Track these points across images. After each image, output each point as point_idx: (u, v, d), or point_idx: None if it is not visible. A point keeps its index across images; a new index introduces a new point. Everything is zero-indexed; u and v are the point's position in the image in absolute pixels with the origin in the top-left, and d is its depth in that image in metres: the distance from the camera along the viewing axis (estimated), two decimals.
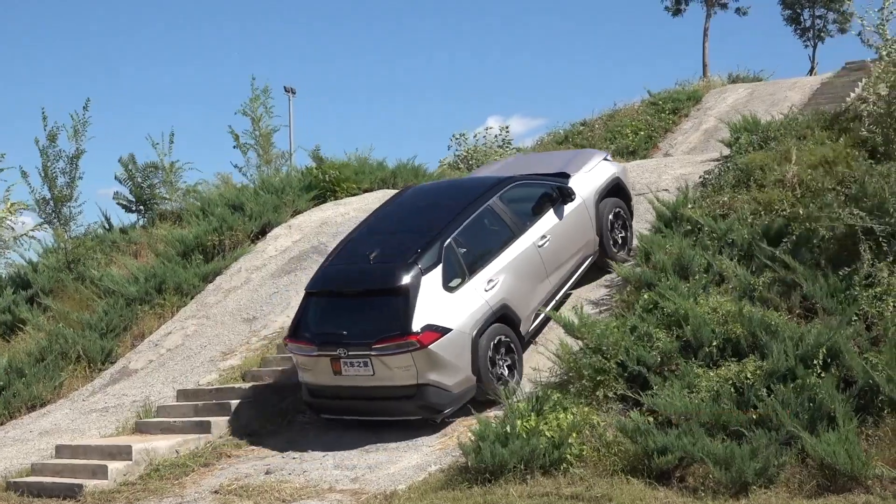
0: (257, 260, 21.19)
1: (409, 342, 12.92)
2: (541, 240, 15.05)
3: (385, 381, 13.24)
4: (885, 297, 12.10)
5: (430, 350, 12.95)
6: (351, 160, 26.51)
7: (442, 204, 15.27)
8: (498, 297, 13.91)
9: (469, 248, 14.14)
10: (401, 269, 13.43)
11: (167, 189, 27.64)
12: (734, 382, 11.41)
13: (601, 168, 17.07)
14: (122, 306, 20.22)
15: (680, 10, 58.09)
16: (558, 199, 15.76)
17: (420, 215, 15.23)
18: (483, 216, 14.71)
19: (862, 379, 10.85)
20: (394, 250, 13.97)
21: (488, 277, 14.02)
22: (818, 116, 20.28)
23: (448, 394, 13.17)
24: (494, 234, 14.76)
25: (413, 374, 13.04)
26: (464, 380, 13.27)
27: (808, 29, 64.46)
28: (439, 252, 13.71)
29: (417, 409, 13.29)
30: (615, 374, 12.29)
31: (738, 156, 18.83)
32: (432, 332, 13.00)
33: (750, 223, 14.95)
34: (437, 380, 13.07)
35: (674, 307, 12.90)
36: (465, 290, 13.70)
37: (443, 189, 17.54)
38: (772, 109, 28.78)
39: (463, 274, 13.84)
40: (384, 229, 15.17)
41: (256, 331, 18.11)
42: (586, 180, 16.49)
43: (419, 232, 14.32)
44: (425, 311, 13.12)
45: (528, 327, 14.58)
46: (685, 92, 37.84)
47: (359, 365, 13.25)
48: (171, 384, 16.87)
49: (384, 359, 13.08)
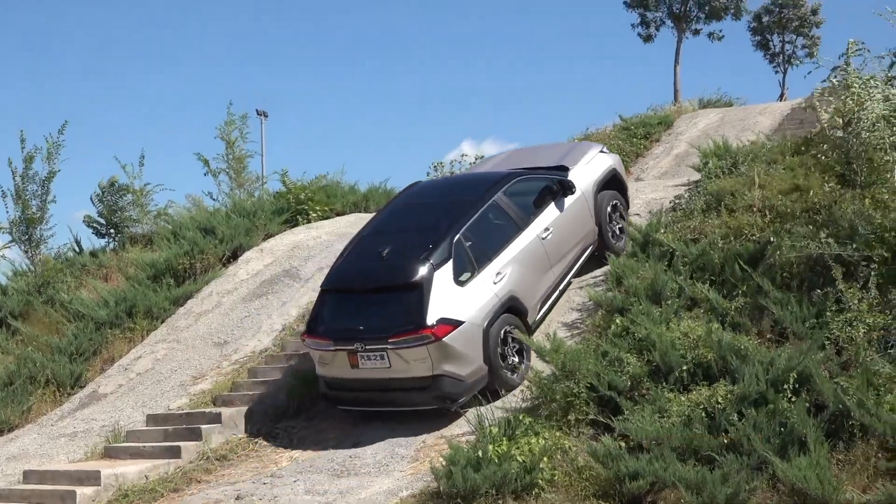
0: (228, 283, 21.11)
1: (424, 335, 13.42)
2: (544, 232, 15.67)
3: (401, 372, 13.70)
4: (856, 323, 12.17)
5: (444, 342, 13.43)
6: (323, 183, 26.49)
7: (449, 200, 15.78)
8: (506, 289, 14.46)
9: (477, 242, 14.69)
10: (414, 265, 13.95)
11: (137, 212, 27.53)
12: (705, 407, 11.41)
13: (598, 160, 17.74)
14: (91, 330, 20.11)
15: (651, 37, 58.36)
16: (559, 191, 16.41)
17: (428, 212, 15.64)
18: (489, 211, 15.26)
19: (833, 404, 10.87)
20: (405, 247, 14.46)
21: (496, 270, 14.59)
22: (787, 142, 20.42)
23: (462, 383, 13.65)
24: (500, 228, 15.30)
25: (428, 366, 13.52)
26: (476, 369, 13.77)
27: (777, 54, 64.95)
28: (449, 247, 14.23)
29: (433, 398, 13.78)
30: (586, 399, 12.30)
31: (708, 181, 18.93)
32: (446, 324, 13.49)
33: (721, 248, 15.01)
34: (451, 370, 13.57)
35: (645, 332, 12.94)
36: (474, 283, 14.25)
37: (448, 185, 18.11)
38: (742, 135, 28.92)
39: (472, 268, 14.39)
40: (394, 227, 15.59)
41: (227, 355, 18.02)
42: (585, 172, 17.14)
43: (429, 228, 14.80)
44: (438, 305, 13.62)
45: (534, 317, 15.16)
46: (657, 117, 37.95)
47: (375, 358, 13.72)
48: (140, 409, 16.77)
49: (400, 351, 13.56)
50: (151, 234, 26.01)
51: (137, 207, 27.56)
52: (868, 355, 11.64)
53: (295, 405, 15.27)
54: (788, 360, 11.49)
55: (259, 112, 46.93)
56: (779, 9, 62.76)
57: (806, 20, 62.41)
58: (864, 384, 10.99)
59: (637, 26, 58.39)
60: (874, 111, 14.99)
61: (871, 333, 12.03)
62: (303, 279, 20.23)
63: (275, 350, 17.65)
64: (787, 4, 62.26)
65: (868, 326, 12.09)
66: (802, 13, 62.21)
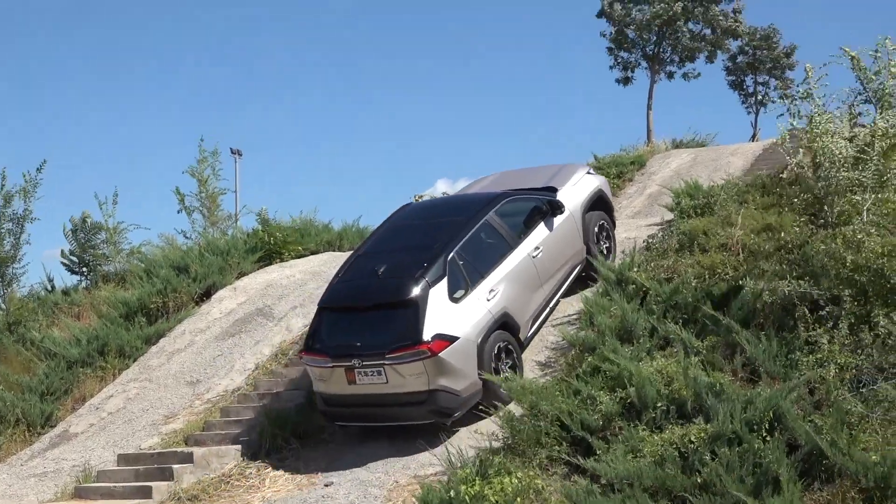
0: (201, 322, 21.02)
1: (420, 350, 13.69)
2: (534, 251, 16.04)
3: (398, 388, 13.97)
4: (827, 363, 12.22)
5: (440, 357, 13.70)
6: (296, 222, 26.45)
7: (442, 220, 16.09)
8: (499, 306, 14.76)
9: (470, 260, 15.00)
10: (410, 283, 14.22)
11: (110, 250, 27.42)
12: (678, 446, 11.42)
13: (585, 181, 18.18)
14: (63, 369, 19.96)
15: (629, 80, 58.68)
16: (548, 211, 16.82)
17: (422, 231, 15.93)
18: (481, 230, 15.61)
19: (806, 443, 10.90)
20: (401, 265, 14.74)
21: (489, 287, 14.89)
22: (759, 182, 20.54)
23: (457, 398, 13.92)
24: (492, 246, 15.65)
25: (425, 381, 13.79)
26: (471, 384, 14.02)
27: (751, 95, 65.44)
28: (444, 265, 14.52)
29: (429, 413, 14.02)
30: (559, 438, 12.29)
31: (681, 220, 19.04)
32: (442, 340, 13.77)
33: (694, 287, 15.06)
34: (447, 385, 13.84)
35: (617, 369, 12.96)
36: (468, 300, 14.53)
37: (440, 206, 18.37)
38: (714, 175, 29.13)
39: (466, 285, 14.66)
40: (389, 246, 15.86)
41: (200, 394, 17.93)
42: (573, 193, 17.57)
43: (423, 247, 15.08)
44: (434, 321, 13.89)
45: (526, 333, 15.47)
46: (630, 157, 38.14)
47: (372, 374, 13.99)
48: (112, 448, 16.63)
49: (397, 367, 13.83)
50: (124, 272, 25.90)
51: (110, 245, 27.45)
52: (840, 395, 11.69)
53: (267, 445, 15.16)
54: (763, 399, 11.52)
55: (233, 151, 46.89)
56: (753, 50, 63.28)
57: (779, 62, 62.95)
58: (837, 424, 11.03)
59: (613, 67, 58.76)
60: (839, 153, 15.10)
61: (842, 373, 12.08)
62: (276, 318, 20.17)
63: (248, 389, 17.56)
64: (760, 46, 62.79)
65: (840, 366, 12.15)
66: (776, 55, 62.75)
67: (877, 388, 11.85)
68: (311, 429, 15.31)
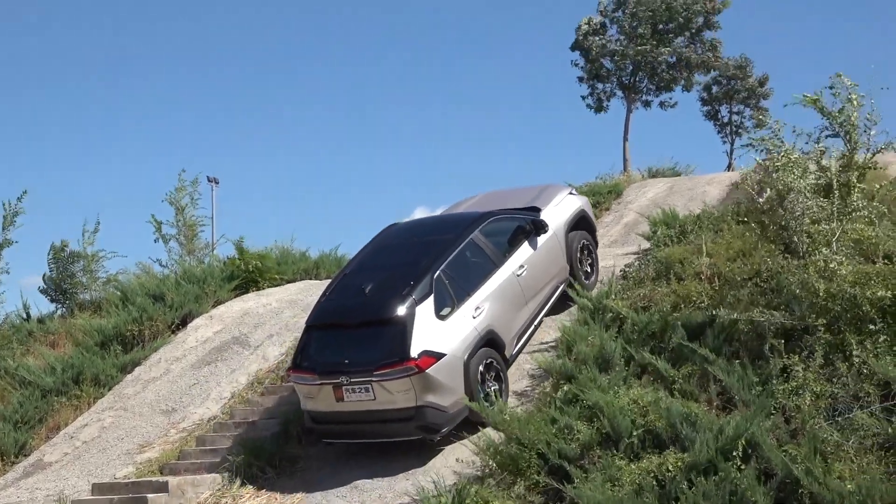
0: (177, 350, 20.94)
1: (408, 367, 13.83)
2: (519, 269, 16.30)
3: (385, 404, 14.07)
4: (802, 391, 12.26)
5: (427, 374, 13.85)
6: (273, 251, 26.42)
7: (428, 239, 16.26)
8: (484, 324, 14.98)
9: (456, 278, 15.20)
10: (397, 301, 14.40)
11: (87, 278, 27.33)
12: (656, 475, 11.44)
13: (568, 201, 18.51)
14: (37, 397, 19.84)
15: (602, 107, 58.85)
16: (532, 231, 17.07)
17: (408, 250, 16.12)
18: (466, 249, 15.85)
19: (782, 472, 10.93)
20: (388, 283, 14.89)
21: (475, 305, 15.11)
22: (734, 210, 20.63)
23: (444, 414, 14.06)
24: (477, 265, 15.87)
25: (412, 397, 13.92)
26: (458, 400, 14.11)
27: (726, 124, 65.79)
28: (430, 283, 14.72)
29: (416, 429, 14.15)
30: (536, 467, 12.28)
31: (657, 249, 19.13)
32: (429, 357, 13.93)
33: (670, 316, 15.10)
34: (434, 401, 13.98)
35: (594, 399, 12.96)
36: (455, 317, 14.72)
37: (426, 225, 18.39)
38: (690, 204, 29.22)
39: (452, 303, 14.86)
40: (375, 265, 16.01)
41: (175, 423, 17.84)
42: (556, 213, 17.85)
43: (410, 265, 15.27)
44: (421, 338, 14.05)
45: (511, 351, 15.68)
46: (606, 186, 38.24)
47: (360, 391, 14.11)
48: (86, 477, 16.53)
49: (385, 384, 13.95)
50: (100, 300, 25.80)
51: (87, 273, 27.36)
52: (816, 423, 11.73)
53: (243, 474, 15.09)
54: (737, 427, 11.54)
55: (210, 179, 46.90)
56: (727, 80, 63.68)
57: (753, 92, 63.35)
58: (812, 452, 11.07)
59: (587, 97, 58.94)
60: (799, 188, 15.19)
61: (818, 402, 12.12)
62: (252, 346, 20.12)
63: (224, 418, 17.49)
64: (735, 76, 63.19)
65: (815, 395, 12.19)
66: (750, 85, 63.16)
67: (852, 416, 11.89)
68: (287, 457, 15.28)
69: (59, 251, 27.75)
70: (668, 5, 54.78)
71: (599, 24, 57.19)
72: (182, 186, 28.74)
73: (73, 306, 26.47)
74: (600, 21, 57.18)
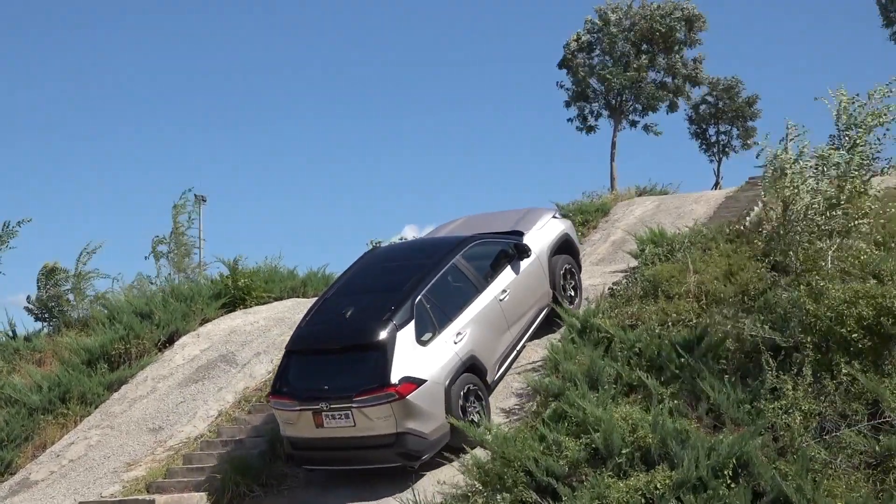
0: (164, 369, 20.88)
1: (388, 394, 13.70)
2: (501, 294, 16.14)
3: (365, 431, 13.92)
4: (791, 410, 12.27)
5: (408, 400, 13.72)
6: (261, 269, 26.39)
7: (409, 263, 16.14)
8: (466, 349, 14.82)
9: (437, 303, 15.03)
10: (378, 326, 14.24)
11: (75, 296, 27.27)
12: (644, 493, 11.41)
13: (551, 225, 18.33)
14: (23, 416, 19.76)
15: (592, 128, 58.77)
16: (515, 255, 16.92)
17: (390, 274, 16.02)
18: (448, 273, 15.67)
19: (772, 490, 10.94)
20: (368, 308, 14.76)
21: (456, 331, 14.95)
22: (722, 229, 20.70)
23: (425, 441, 13.93)
24: (459, 290, 15.71)
25: (392, 424, 13.77)
26: (439, 427, 14.04)
27: (713, 144, 65.98)
28: (411, 308, 14.56)
29: (397, 456, 14.00)
30: (524, 485, 12.24)
31: (645, 267, 19.15)
32: (409, 383, 13.79)
33: (658, 334, 15.11)
34: (415, 428, 13.83)
35: (583, 416, 12.95)
36: (436, 343, 14.57)
37: (408, 249, 18.42)
38: (678, 222, 29.32)
39: (433, 328, 14.70)
40: (356, 289, 15.88)
41: (162, 441, 17.78)
42: (539, 237, 17.69)
43: (391, 290, 15.12)
44: (402, 364, 13.93)
45: (493, 377, 15.50)
46: (594, 204, 38.35)
47: (340, 417, 13.93)
48: (72, 496, 16.45)
49: (365, 410, 13.79)
50: (87, 318, 25.73)
51: (76, 292, 27.30)
52: (805, 441, 11.75)
53: (230, 492, 15.04)
54: (728, 445, 11.55)
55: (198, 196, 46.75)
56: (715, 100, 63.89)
57: (741, 112, 63.56)
58: (802, 470, 11.08)
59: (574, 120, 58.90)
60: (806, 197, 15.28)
61: (807, 420, 12.15)
62: (240, 364, 20.07)
63: (211, 436, 17.43)
64: (722, 97, 63.41)
65: (804, 413, 12.21)
66: (738, 105, 63.37)
67: (840, 434, 11.94)
68: (275, 476, 15.24)
69: (51, 271, 27.69)
70: (648, 17, 54.81)
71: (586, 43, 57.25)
72: (182, 204, 28.83)
73: (59, 324, 26.38)
74: (587, 39, 57.24)
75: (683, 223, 26.92)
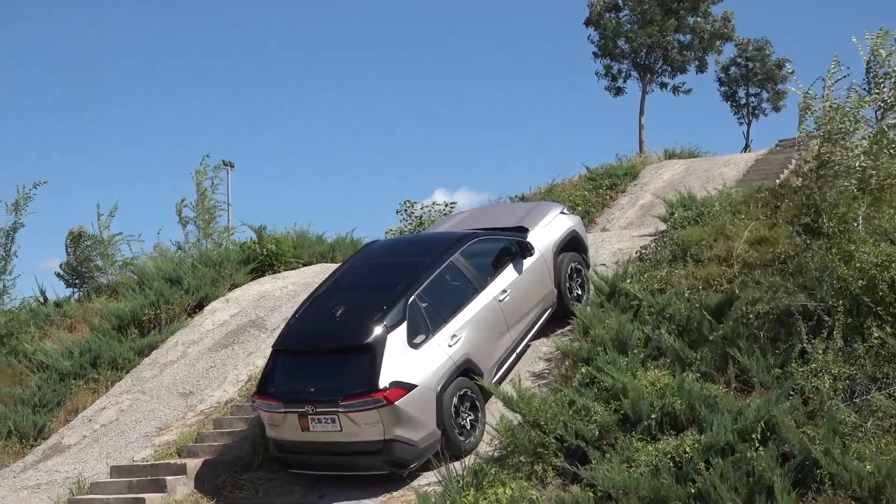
0: (194, 334, 20.99)
1: (375, 399, 13.05)
2: (501, 294, 15.38)
3: (352, 436, 13.33)
4: (821, 373, 12.22)
5: (396, 406, 13.07)
6: (290, 234, 26.46)
7: (405, 261, 15.55)
8: (461, 353, 14.15)
9: (432, 304, 14.38)
10: (367, 327, 13.62)
11: (104, 262, 27.39)
12: (673, 456, 11.43)
13: (558, 221, 17.52)
14: (55, 381, 19.91)
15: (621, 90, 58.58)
16: (517, 253, 16.16)
17: (384, 272, 15.46)
18: (445, 272, 15.02)
19: (800, 453, 10.91)
20: (359, 307, 14.16)
21: (451, 333, 14.26)
22: (753, 192, 20.57)
23: (414, 448, 13.30)
24: (456, 289, 15.03)
25: (380, 430, 13.16)
26: (429, 434, 13.41)
27: (743, 106, 65.65)
28: (404, 309, 13.91)
29: (384, 463, 13.39)
30: (554, 449, 12.25)
31: (674, 231, 19.04)
32: (398, 388, 13.14)
33: (687, 298, 15.05)
34: (403, 435, 13.21)
35: (612, 381, 12.94)
36: (429, 345, 13.91)
37: (405, 245, 17.92)
38: (707, 185, 29.17)
39: (427, 330, 14.03)
40: (349, 286, 15.35)
41: (193, 406, 17.89)
42: (544, 234, 16.92)
43: (383, 289, 14.50)
44: (391, 368, 13.28)
45: (490, 380, 14.68)
46: (622, 167, 38.23)
47: (326, 421, 13.35)
48: (105, 460, 16.58)
49: (351, 415, 13.18)
50: (117, 284, 25.85)
51: (104, 258, 27.42)
52: (834, 405, 11.71)
53: (260, 457, 15.10)
54: (756, 409, 11.52)
55: (225, 163, 46.95)
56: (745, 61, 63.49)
57: (771, 74, 63.16)
58: (830, 433, 11.05)
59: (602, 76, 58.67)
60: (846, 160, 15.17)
61: (836, 383, 12.10)
62: (269, 329, 20.14)
63: (240, 401, 17.52)
64: (753, 58, 62.99)
65: (833, 376, 12.16)
66: (768, 67, 62.97)
67: (870, 397, 11.89)
68: None
69: (77, 237, 27.84)
70: None
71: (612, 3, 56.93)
72: (204, 170, 28.84)
73: (89, 290, 26.52)
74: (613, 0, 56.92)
75: (713, 186, 26.78)
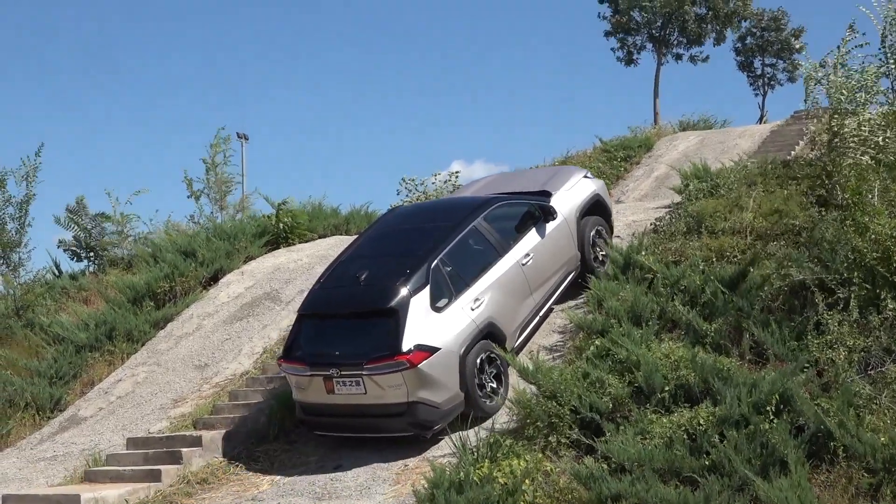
0: (209, 306, 21.04)
1: (399, 362, 13.25)
2: (524, 258, 15.49)
3: (376, 399, 13.57)
4: (836, 345, 12.20)
5: (419, 369, 13.25)
6: (305, 207, 26.47)
7: (428, 226, 15.66)
8: (484, 316, 14.29)
9: (455, 268, 14.51)
10: (390, 291, 13.80)
11: (118, 236, 27.44)
12: (687, 429, 11.43)
13: (581, 185, 17.57)
14: (71, 353, 20.01)
15: (633, 60, 58.43)
16: (540, 217, 16.25)
17: (407, 237, 15.55)
18: (468, 237, 15.11)
19: (814, 425, 10.90)
20: (383, 272, 14.32)
21: (474, 296, 14.39)
22: (768, 164, 20.50)
23: (437, 410, 13.50)
24: (479, 253, 15.13)
25: (404, 393, 13.36)
26: (452, 396, 13.60)
27: (759, 77, 65.35)
28: (427, 273, 14.05)
29: (408, 425, 13.62)
30: (569, 421, 12.27)
31: (688, 203, 19.00)
32: (422, 351, 13.33)
33: (702, 270, 15.02)
34: (426, 397, 13.40)
35: (626, 353, 12.94)
36: (452, 309, 14.05)
37: (428, 210, 17.90)
38: (722, 157, 29.08)
39: (450, 294, 14.19)
40: (372, 252, 15.51)
41: (208, 378, 17.95)
42: (567, 198, 16.97)
43: (407, 254, 14.68)
44: (414, 332, 13.46)
45: (513, 343, 14.89)
46: (637, 139, 38.10)
47: (351, 384, 13.58)
48: (121, 432, 16.67)
49: (375, 378, 13.39)
50: (131, 256, 25.92)
51: (117, 234, 27.47)
52: (849, 377, 11.69)
53: (276, 428, 15.17)
54: (771, 381, 11.51)
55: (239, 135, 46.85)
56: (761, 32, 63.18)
57: (787, 44, 62.84)
58: (844, 405, 11.03)
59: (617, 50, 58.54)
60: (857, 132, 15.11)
61: (851, 355, 12.07)
62: (284, 301, 20.19)
63: (255, 373, 17.58)
64: (769, 28, 62.68)
65: (848, 348, 12.14)
66: (784, 37, 62.65)
67: (885, 369, 11.87)
68: None
69: (75, 211, 27.88)
70: None
71: None
72: (217, 143, 28.78)
73: (103, 263, 26.58)
74: None
75: (728, 158, 26.69)
